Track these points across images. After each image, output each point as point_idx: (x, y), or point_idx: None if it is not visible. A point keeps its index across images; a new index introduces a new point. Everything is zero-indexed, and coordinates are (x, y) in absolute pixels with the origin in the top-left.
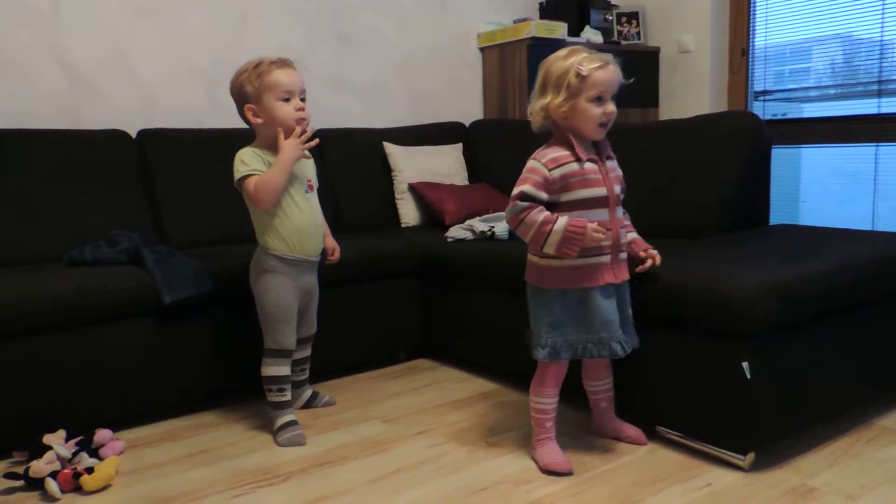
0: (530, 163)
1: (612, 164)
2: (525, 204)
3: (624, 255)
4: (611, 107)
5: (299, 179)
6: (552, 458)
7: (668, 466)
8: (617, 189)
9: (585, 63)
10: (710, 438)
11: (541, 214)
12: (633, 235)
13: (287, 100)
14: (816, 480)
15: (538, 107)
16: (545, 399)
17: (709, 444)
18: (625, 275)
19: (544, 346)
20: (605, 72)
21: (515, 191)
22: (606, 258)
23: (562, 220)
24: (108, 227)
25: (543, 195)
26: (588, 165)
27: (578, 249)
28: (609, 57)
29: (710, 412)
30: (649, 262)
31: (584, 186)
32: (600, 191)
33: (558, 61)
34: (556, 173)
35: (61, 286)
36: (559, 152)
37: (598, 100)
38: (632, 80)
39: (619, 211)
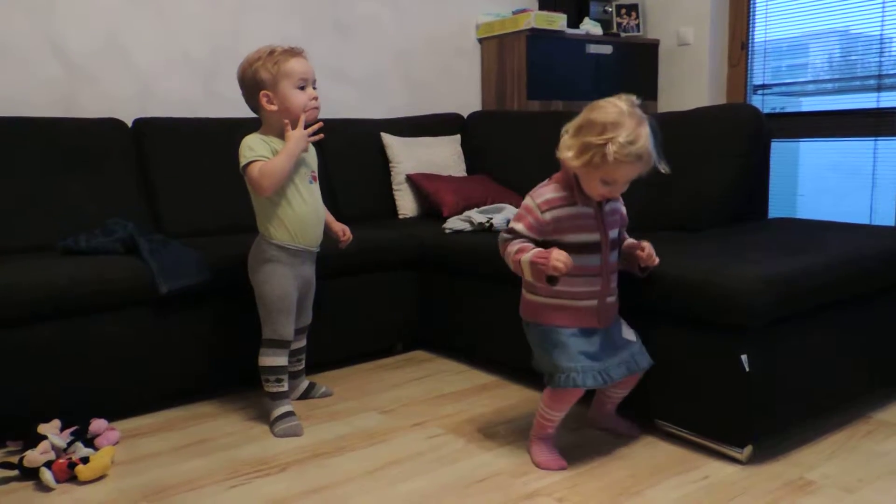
0: (527, 200)
1: (613, 207)
2: (507, 235)
3: (612, 299)
4: (617, 191)
5: (305, 170)
6: (547, 456)
7: (666, 459)
8: (613, 233)
9: (619, 149)
10: (708, 431)
11: (515, 246)
12: (630, 241)
13: (302, 88)
14: (814, 473)
15: (564, 145)
16: (555, 413)
17: (707, 438)
18: (610, 321)
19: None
20: (630, 167)
21: (510, 226)
22: (591, 303)
23: (530, 251)
24: (104, 216)
25: (534, 236)
26: (583, 210)
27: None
28: (643, 146)
29: (708, 405)
30: (644, 253)
31: (576, 231)
32: (592, 236)
33: (600, 124)
34: (548, 216)
35: (55, 275)
36: (555, 193)
37: (607, 182)
38: (667, 172)
39: (614, 255)
